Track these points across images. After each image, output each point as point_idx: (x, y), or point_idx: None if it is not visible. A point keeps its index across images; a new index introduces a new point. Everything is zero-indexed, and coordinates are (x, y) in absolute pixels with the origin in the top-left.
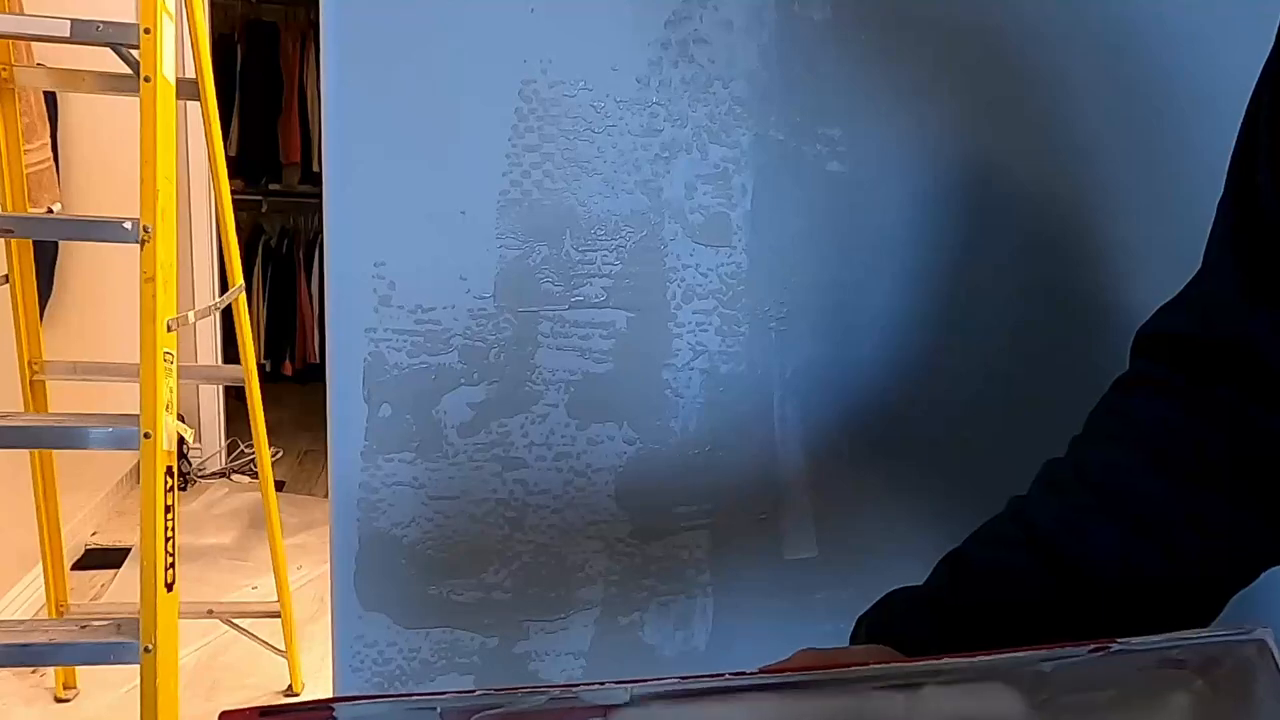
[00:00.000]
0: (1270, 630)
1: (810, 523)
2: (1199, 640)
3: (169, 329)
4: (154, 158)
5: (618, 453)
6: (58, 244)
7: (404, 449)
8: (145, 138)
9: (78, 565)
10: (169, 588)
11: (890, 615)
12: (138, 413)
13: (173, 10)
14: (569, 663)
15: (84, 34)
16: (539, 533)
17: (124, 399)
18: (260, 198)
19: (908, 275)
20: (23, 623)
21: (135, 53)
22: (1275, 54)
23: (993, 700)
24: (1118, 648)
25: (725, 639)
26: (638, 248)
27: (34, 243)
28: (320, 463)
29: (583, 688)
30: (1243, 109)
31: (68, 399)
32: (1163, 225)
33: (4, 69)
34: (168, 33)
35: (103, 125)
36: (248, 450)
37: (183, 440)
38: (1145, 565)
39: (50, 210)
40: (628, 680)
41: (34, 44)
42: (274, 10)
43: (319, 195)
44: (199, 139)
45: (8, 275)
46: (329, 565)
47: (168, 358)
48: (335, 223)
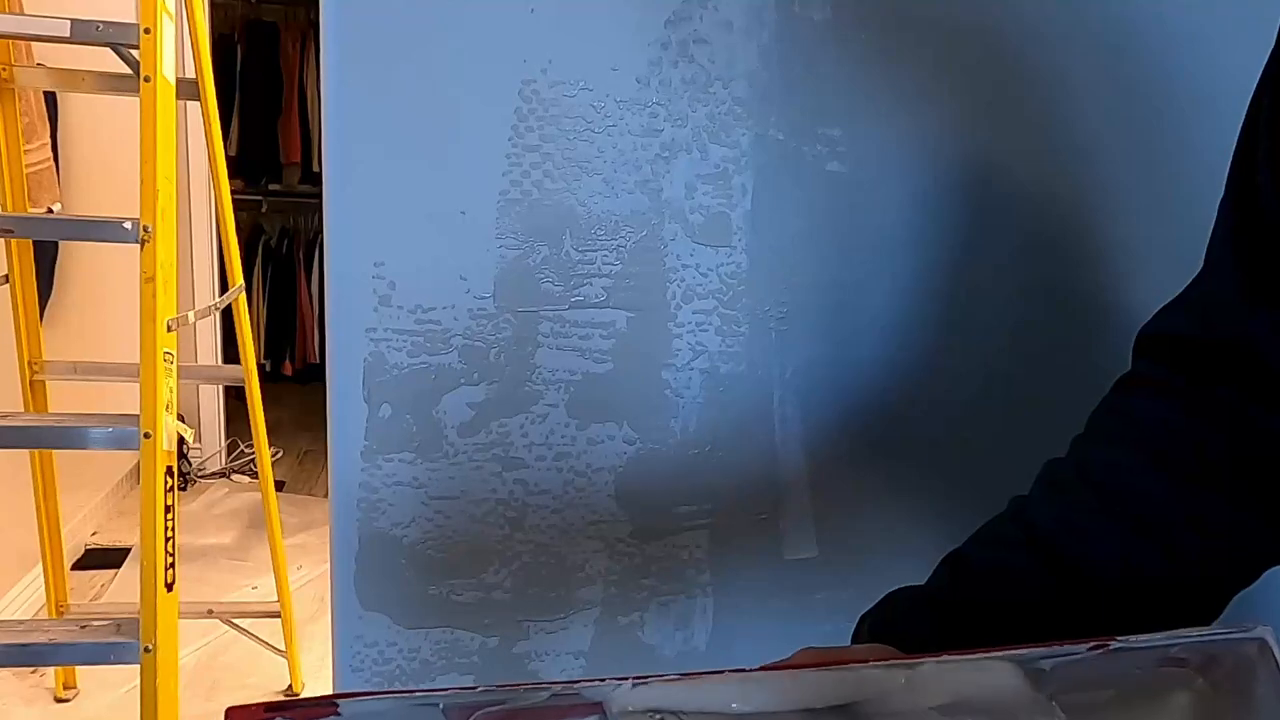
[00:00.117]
0: (1270, 629)
1: (810, 523)
2: (1199, 639)
3: (169, 329)
4: (154, 158)
5: (618, 453)
6: (58, 244)
7: (404, 449)
8: (145, 138)
9: (78, 565)
10: (169, 588)
11: (892, 614)
12: (138, 413)
13: (173, 10)
14: (569, 663)
15: (84, 34)
16: (539, 533)
17: (124, 399)
18: (260, 198)
19: (908, 275)
20: (23, 623)
21: (135, 53)
22: (1275, 55)
23: (993, 676)
24: (1117, 645)
25: (725, 639)
26: (638, 248)
27: (34, 243)
28: (320, 463)
29: (584, 684)
30: (1243, 109)
31: (68, 399)
32: (1163, 225)
33: (4, 69)
34: (168, 33)
35: (103, 125)
36: (248, 450)
37: (183, 440)
38: (1145, 565)
39: (50, 210)
40: (628, 676)
41: (34, 44)
42: (274, 10)
43: (319, 195)
44: (199, 139)
45: (8, 275)
46: (329, 565)
47: (168, 358)
48: (335, 223)
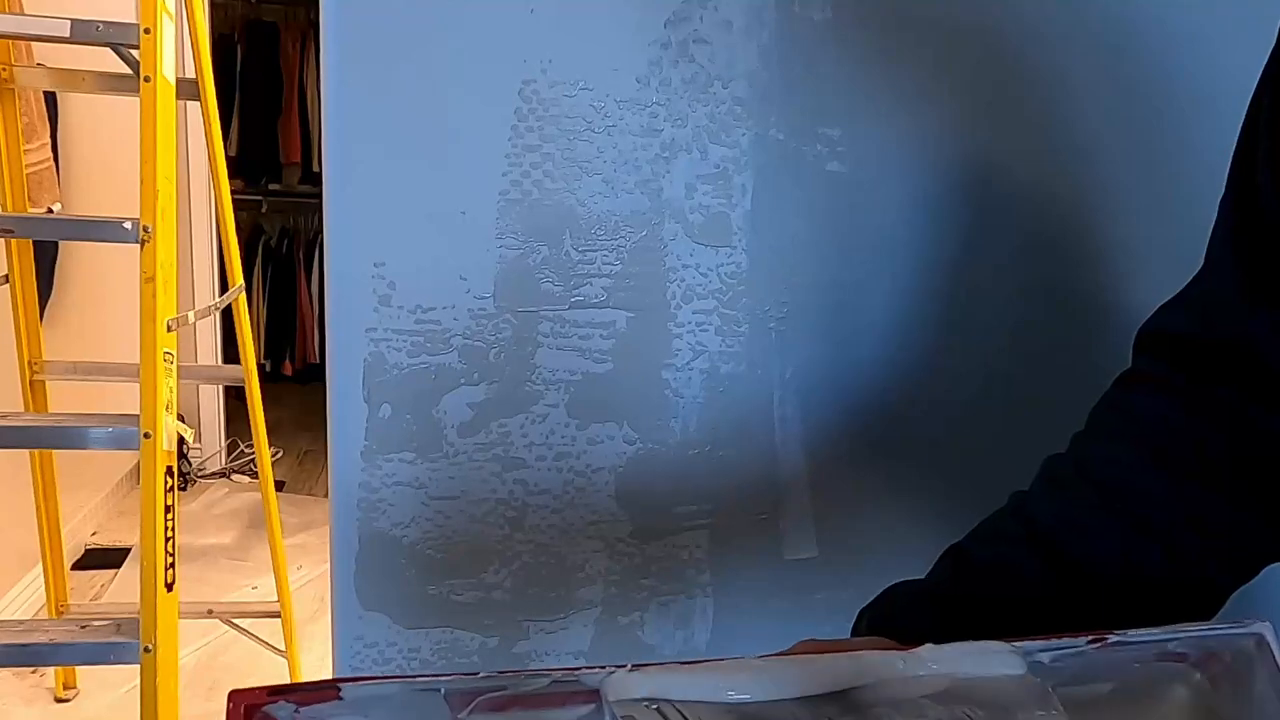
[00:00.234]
0: (1269, 624)
1: (810, 523)
2: (1197, 633)
3: (169, 329)
4: (154, 158)
5: (618, 453)
6: (58, 244)
7: (404, 449)
8: (145, 138)
9: (78, 565)
10: (169, 588)
11: (892, 608)
12: (138, 413)
13: (173, 10)
14: (569, 663)
15: (84, 34)
16: (539, 533)
17: (124, 399)
18: (260, 198)
19: (908, 275)
20: (23, 623)
21: (135, 53)
22: (1276, 55)
23: (991, 663)
24: (1115, 639)
25: (725, 639)
26: (638, 248)
27: (34, 243)
28: (320, 463)
29: (583, 671)
30: (1243, 109)
31: (68, 399)
32: (1163, 225)
33: (4, 69)
34: (168, 33)
35: (103, 125)
36: (248, 450)
37: (183, 440)
38: (1145, 562)
39: (50, 210)
40: (626, 664)
41: (34, 44)
42: (274, 10)
43: (319, 195)
44: (199, 139)
45: (8, 275)
46: (329, 565)
47: (168, 358)
48: (335, 223)
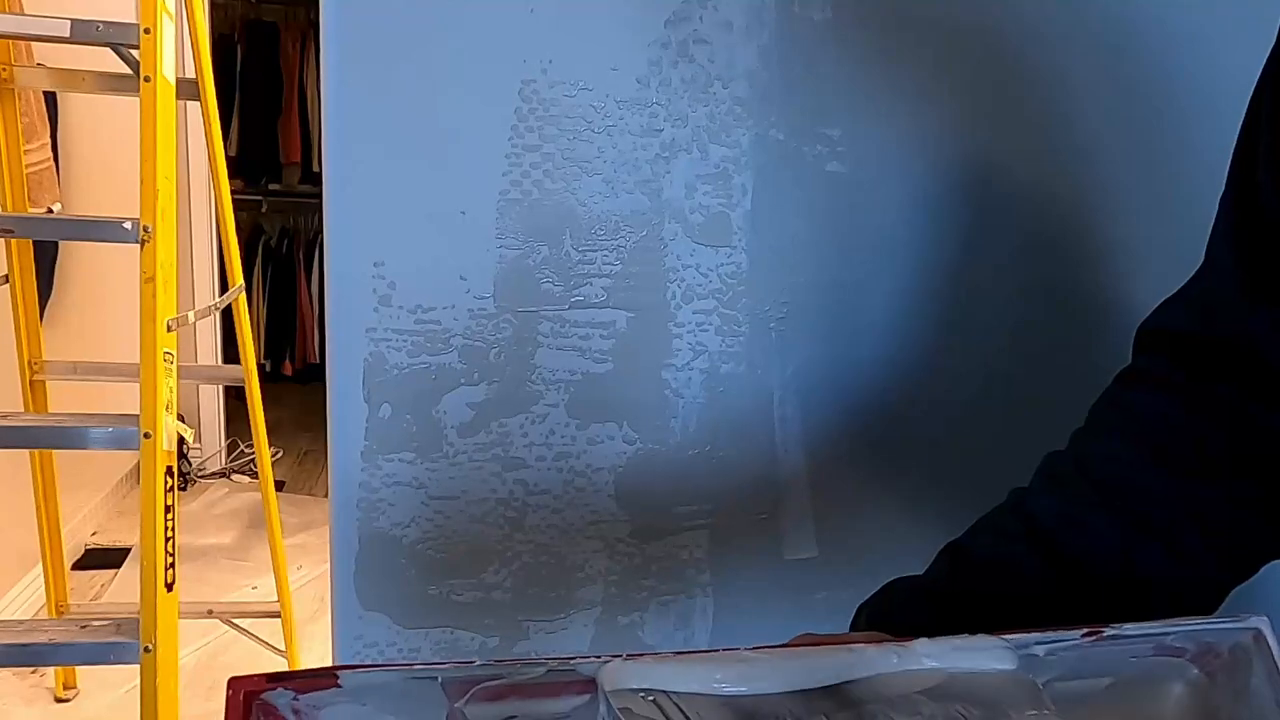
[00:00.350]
0: (1265, 619)
1: (810, 523)
2: (1193, 628)
3: (169, 329)
4: (154, 158)
5: (618, 453)
6: (58, 244)
7: (404, 449)
8: (145, 138)
9: (78, 565)
10: (169, 588)
11: (890, 603)
12: (138, 413)
13: (173, 10)
14: None
15: (84, 34)
16: (539, 533)
17: (124, 399)
18: (260, 198)
19: (908, 275)
20: (23, 623)
21: (135, 53)
22: (1276, 53)
23: (985, 658)
24: (1111, 633)
25: (725, 639)
26: (638, 248)
27: (34, 243)
28: (320, 463)
29: (579, 660)
30: (1243, 109)
31: (68, 399)
32: (1163, 225)
33: (4, 69)
34: (168, 33)
35: (103, 125)
36: (248, 450)
37: (183, 440)
38: (1144, 560)
39: (50, 210)
40: (622, 655)
41: (34, 44)
42: (274, 10)
43: (319, 195)
44: (199, 139)
45: (8, 275)
46: (329, 565)
47: (168, 358)
48: (335, 223)
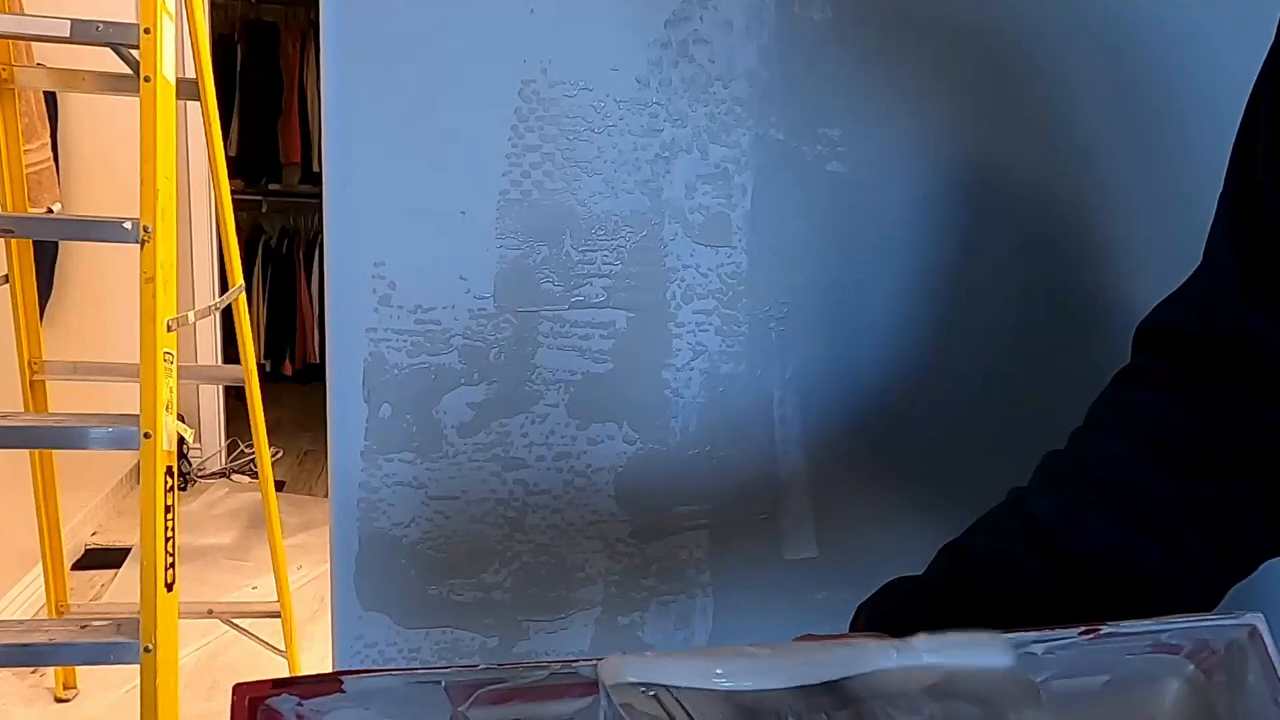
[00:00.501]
0: (1261, 616)
1: (810, 523)
2: (1188, 624)
3: (169, 329)
4: (154, 158)
5: (618, 453)
6: (58, 244)
7: (404, 449)
8: (145, 138)
9: (78, 565)
10: (169, 588)
11: (889, 603)
12: (138, 413)
13: (173, 10)
14: None
15: (84, 34)
16: (539, 533)
17: (124, 399)
18: (260, 198)
19: (908, 275)
20: (23, 623)
21: (135, 53)
22: (1274, 52)
23: (984, 654)
24: (1108, 630)
25: (725, 639)
26: (638, 248)
27: (34, 243)
28: (320, 463)
29: (581, 663)
30: (1242, 109)
31: (68, 399)
32: (1163, 225)
33: (4, 69)
34: (168, 33)
35: (103, 125)
36: (248, 450)
37: (183, 440)
38: (1143, 558)
39: (50, 210)
40: (625, 655)
41: (34, 44)
42: (274, 10)
43: (319, 195)
44: (199, 139)
45: (8, 275)
46: (329, 565)
47: (168, 358)
48: (335, 223)
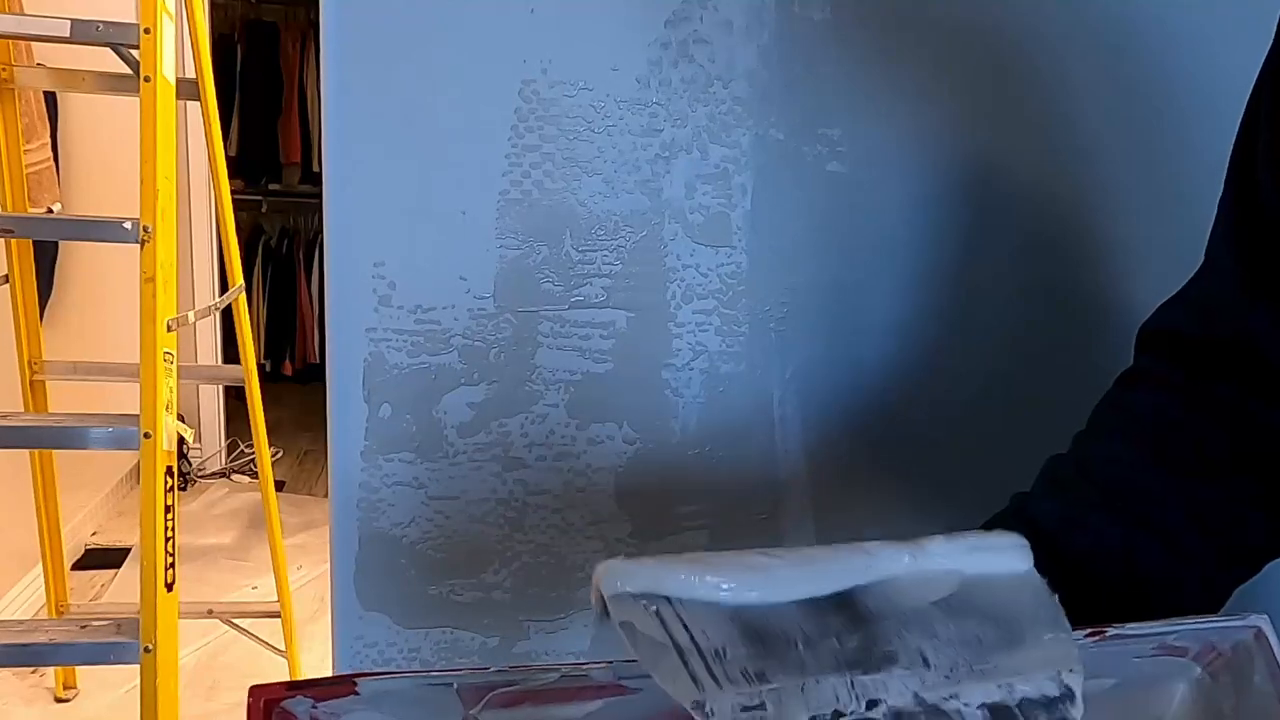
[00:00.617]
0: (1266, 618)
1: (810, 523)
2: (1194, 627)
3: (169, 329)
4: (154, 158)
5: (618, 453)
6: (58, 244)
7: (404, 449)
8: (145, 138)
9: (78, 565)
10: (169, 588)
11: None
12: (138, 413)
13: (173, 10)
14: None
15: (84, 34)
16: (539, 533)
17: (124, 399)
18: (260, 198)
19: (908, 275)
20: (23, 623)
21: (135, 53)
22: (1274, 52)
23: (998, 558)
24: (1113, 633)
25: None
26: (638, 248)
27: (34, 243)
28: (320, 463)
29: (592, 666)
30: (1242, 109)
31: (68, 399)
32: (1163, 225)
33: (4, 69)
34: (168, 33)
35: (103, 125)
36: (248, 450)
37: (183, 440)
38: (1146, 560)
39: (50, 210)
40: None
41: (34, 44)
42: (274, 10)
43: (319, 195)
44: (199, 139)
45: (8, 275)
46: (329, 565)
47: (168, 358)
48: (335, 223)
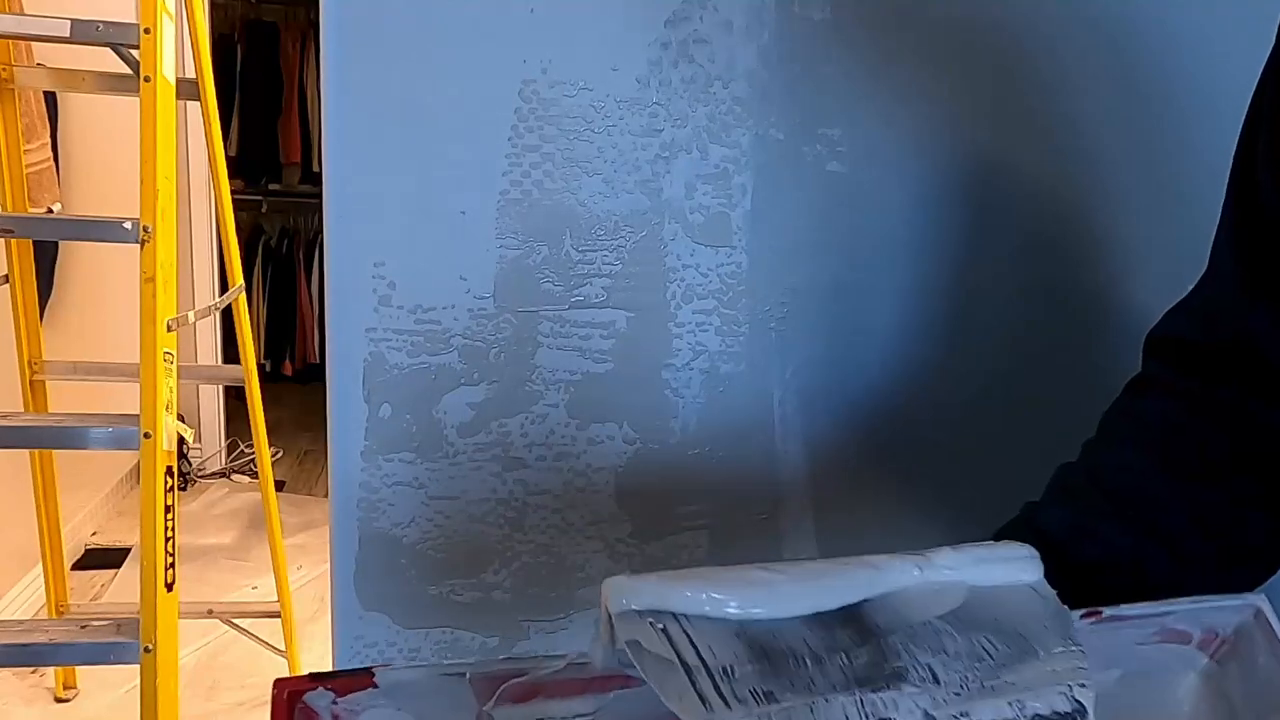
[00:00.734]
0: (1263, 596)
1: (810, 523)
2: (1191, 606)
3: (169, 329)
4: (154, 158)
5: (618, 453)
6: (58, 244)
7: (404, 449)
8: (145, 138)
9: (78, 565)
10: (169, 588)
11: None
12: (138, 413)
13: (173, 10)
14: None
15: (84, 34)
16: (539, 533)
17: (124, 399)
18: (260, 198)
19: (908, 275)
20: (23, 623)
21: (135, 53)
22: (1276, 52)
23: (1007, 569)
24: (1109, 613)
25: None
26: (638, 248)
27: (34, 243)
28: (320, 463)
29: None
30: (1243, 109)
31: (68, 399)
32: (1163, 225)
33: (4, 69)
34: (168, 33)
35: (103, 125)
36: (248, 450)
37: (183, 440)
38: (1155, 570)
39: (50, 210)
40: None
41: (34, 44)
42: (274, 10)
43: (319, 195)
44: (199, 139)
45: (8, 275)
46: (329, 565)
47: (168, 358)
48: (335, 223)
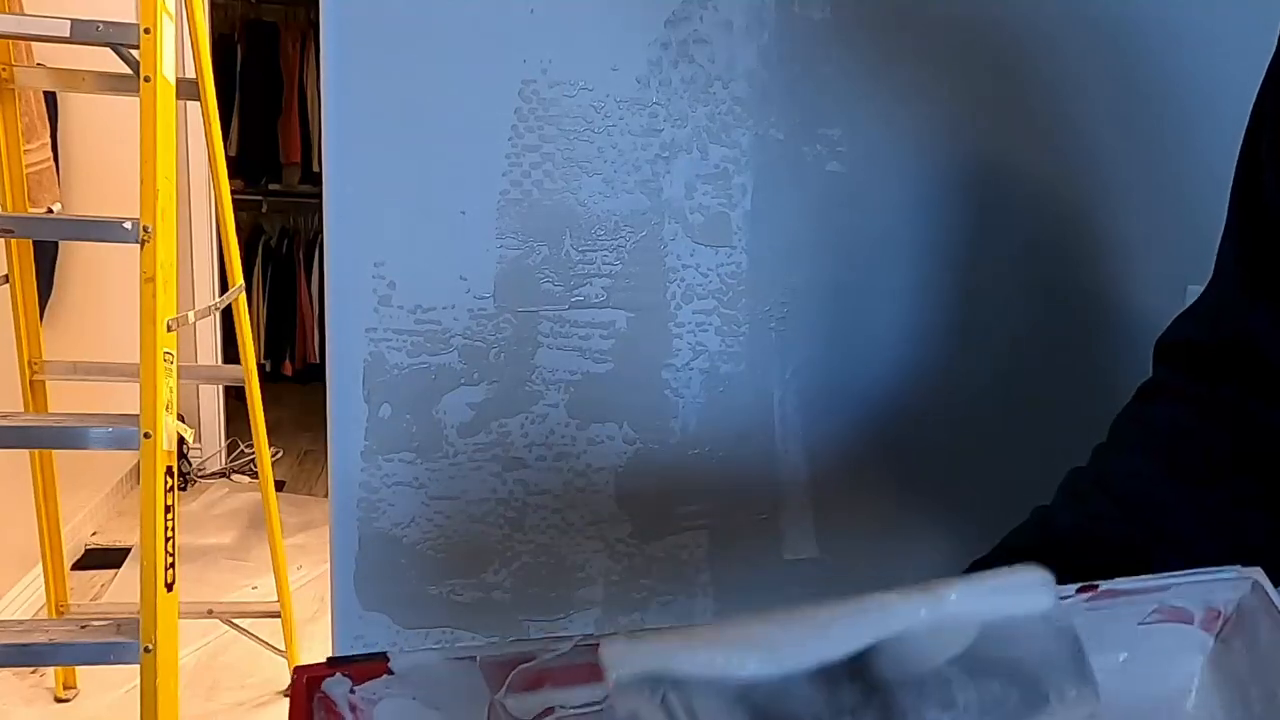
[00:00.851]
0: (1259, 569)
1: (810, 523)
2: (1188, 580)
3: (169, 329)
4: (154, 158)
5: (618, 453)
6: (58, 244)
7: (404, 449)
8: (145, 138)
9: (78, 565)
10: (169, 588)
11: None
12: (138, 413)
13: (173, 10)
14: None
15: (84, 34)
16: (539, 533)
17: (124, 399)
18: (260, 198)
19: (908, 275)
20: (23, 623)
21: (135, 53)
22: (1279, 53)
23: (1018, 599)
24: (1105, 587)
25: None
26: (638, 248)
27: (34, 243)
28: (320, 463)
29: (604, 636)
30: (1244, 109)
31: (68, 399)
32: (1163, 225)
33: (4, 69)
34: (168, 33)
35: (103, 125)
36: (248, 450)
37: (183, 440)
38: (1163, 571)
39: (50, 210)
40: (630, 638)
41: (34, 44)
42: (274, 10)
43: (319, 195)
44: (199, 139)
45: (8, 275)
46: (329, 565)
47: (168, 358)
48: (335, 223)
